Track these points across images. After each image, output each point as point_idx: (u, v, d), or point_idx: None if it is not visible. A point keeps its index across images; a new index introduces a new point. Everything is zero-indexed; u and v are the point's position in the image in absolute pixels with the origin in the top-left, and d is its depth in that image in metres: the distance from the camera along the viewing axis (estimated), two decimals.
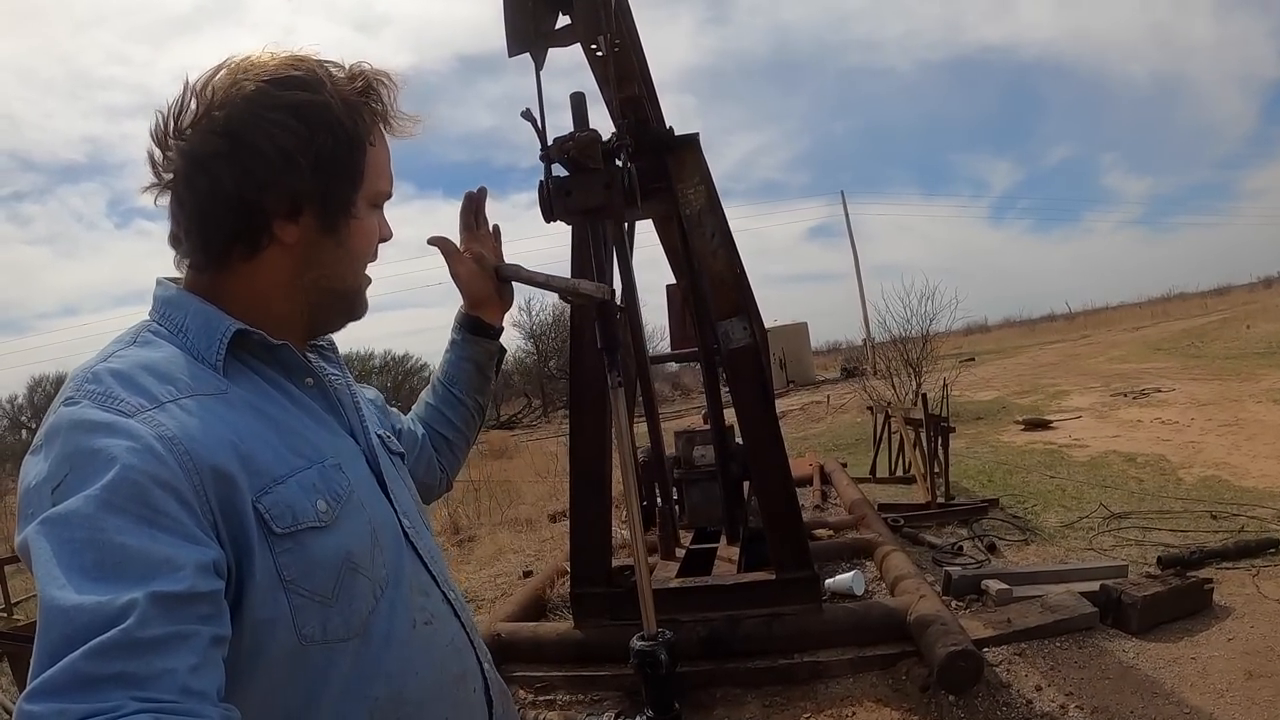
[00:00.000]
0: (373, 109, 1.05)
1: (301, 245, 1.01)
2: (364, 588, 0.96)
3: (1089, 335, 35.08)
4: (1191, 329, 26.89)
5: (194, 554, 0.78)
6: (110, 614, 0.70)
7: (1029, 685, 3.30)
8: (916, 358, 15.43)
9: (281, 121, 0.95)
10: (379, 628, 0.97)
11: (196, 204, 0.97)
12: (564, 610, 4.55)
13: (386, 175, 1.11)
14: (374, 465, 1.10)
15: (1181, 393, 12.10)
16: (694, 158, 3.93)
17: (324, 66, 1.02)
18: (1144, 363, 18.14)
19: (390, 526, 1.05)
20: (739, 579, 3.97)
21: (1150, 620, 3.74)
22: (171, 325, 0.98)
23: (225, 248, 0.99)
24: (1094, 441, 9.28)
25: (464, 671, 1.10)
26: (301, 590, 0.89)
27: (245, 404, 0.94)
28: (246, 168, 0.95)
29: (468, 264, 1.42)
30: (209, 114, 0.95)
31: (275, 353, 1.02)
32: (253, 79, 0.96)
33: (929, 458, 7.00)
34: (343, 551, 0.94)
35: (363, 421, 1.13)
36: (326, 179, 1.00)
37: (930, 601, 3.67)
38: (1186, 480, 6.94)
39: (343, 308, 1.11)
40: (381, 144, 1.09)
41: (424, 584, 1.08)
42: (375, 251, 1.13)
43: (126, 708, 0.67)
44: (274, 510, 0.88)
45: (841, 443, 12.39)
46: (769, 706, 3.40)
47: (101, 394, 0.85)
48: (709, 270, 3.92)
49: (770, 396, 3.99)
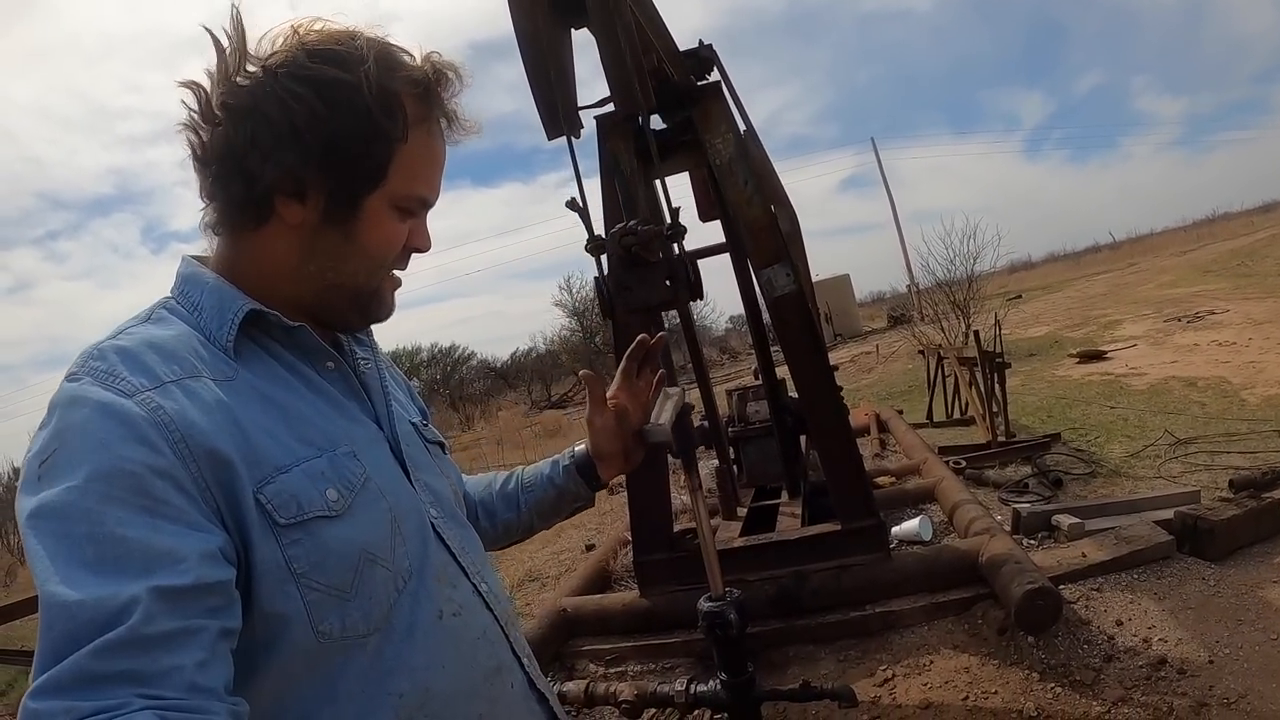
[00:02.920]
0: (421, 104, 0.98)
1: (304, 229, 0.97)
2: (384, 579, 0.93)
3: (1136, 263, 34.22)
4: (1240, 248, 26.09)
5: (198, 543, 0.77)
6: (113, 609, 0.70)
7: (1109, 620, 3.21)
8: (963, 299, 15.21)
9: (299, 94, 0.91)
10: (401, 620, 0.94)
11: (213, 156, 0.94)
12: (629, 580, 4.55)
13: (424, 179, 1.02)
14: (398, 452, 1.06)
15: (1236, 313, 11.73)
16: (718, 107, 3.84)
17: (381, 46, 0.96)
18: (1194, 286, 17.61)
19: (414, 515, 1.02)
20: (803, 533, 3.92)
21: (1229, 545, 3.62)
22: (188, 303, 0.96)
23: (232, 211, 0.96)
24: (1151, 369, 9.05)
25: (499, 665, 1.05)
26: (316, 584, 0.86)
27: (252, 390, 0.91)
28: (255, 132, 0.91)
29: (608, 419, 1.34)
30: (245, 69, 0.93)
31: (293, 335, 0.99)
32: (297, 44, 0.93)
33: (986, 396, 6.87)
34: (359, 541, 0.91)
35: (389, 407, 1.09)
36: (336, 166, 0.94)
37: (1001, 541, 3.59)
38: (1250, 401, 6.72)
39: (354, 307, 1.05)
40: (426, 145, 1.00)
41: (452, 575, 1.04)
42: (402, 258, 1.06)
43: (133, 705, 0.67)
44: (276, 500, 0.85)
45: (895, 390, 12.23)
46: (844, 661, 3.36)
47: (105, 371, 0.84)
48: (745, 218, 3.84)
49: (821, 342, 3.91)
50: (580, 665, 3.65)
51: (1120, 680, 2.82)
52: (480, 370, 37.77)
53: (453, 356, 36.70)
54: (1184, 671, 2.79)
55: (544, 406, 28.89)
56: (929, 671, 3.14)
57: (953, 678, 3.06)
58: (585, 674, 3.54)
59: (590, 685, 2.87)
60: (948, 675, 3.08)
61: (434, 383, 33.65)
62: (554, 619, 3.83)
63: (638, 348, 1.37)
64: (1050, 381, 9.75)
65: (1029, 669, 2.99)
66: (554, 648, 3.73)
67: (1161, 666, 2.84)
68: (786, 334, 3.86)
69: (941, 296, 15.87)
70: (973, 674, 3.05)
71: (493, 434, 20.10)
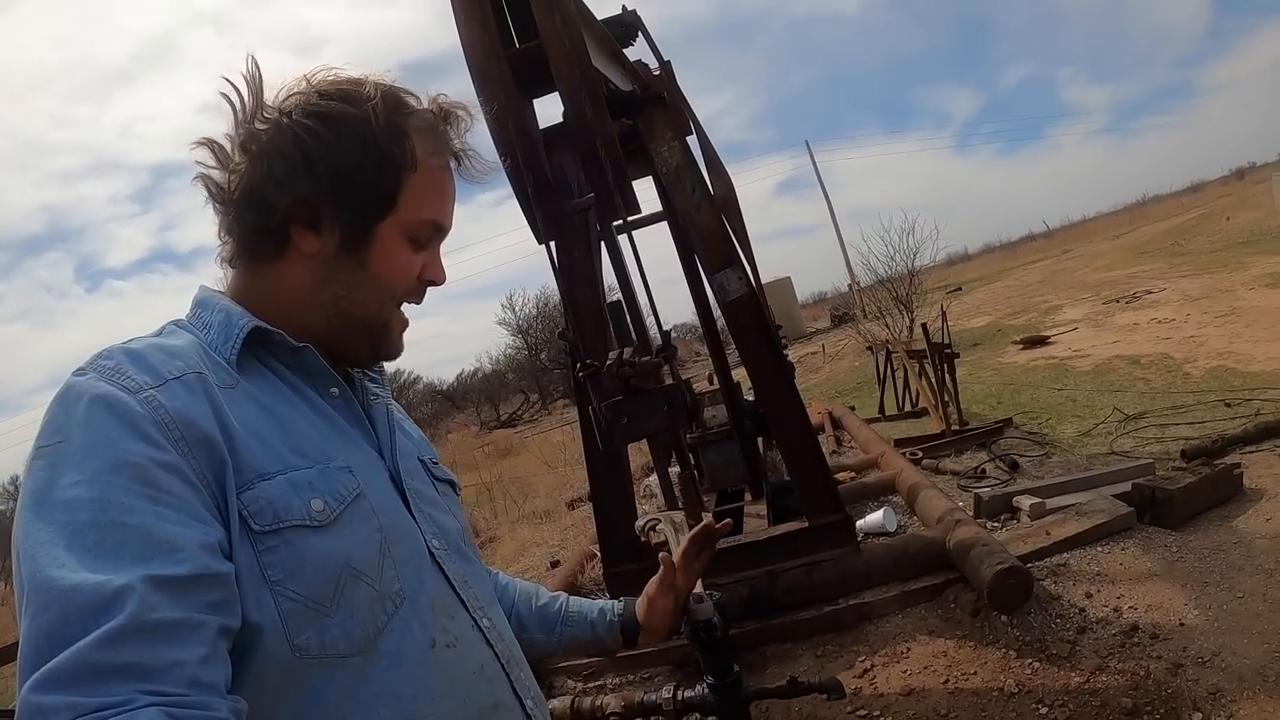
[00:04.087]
0: (428, 138, 1.02)
1: (321, 258, 0.99)
2: (369, 599, 0.89)
3: (1071, 250, 35.19)
4: (1172, 229, 27.01)
5: (199, 534, 0.77)
6: (107, 594, 0.69)
7: (1079, 594, 3.26)
8: (905, 294, 15.44)
9: (311, 127, 0.95)
10: (389, 646, 0.90)
11: (232, 195, 0.97)
12: (599, 593, 4.50)
13: (437, 210, 1.05)
14: (398, 482, 1.04)
15: (1173, 291, 12.12)
16: (662, 115, 3.86)
17: (389, 88, 1.00)
18: (1130, 268, 18.15)
19: (410, 540, 0.99)
20: (771, 532, 3.90)
21: (1187, 512, 3.71)
22: (199, 323, 0.98)
23: (249, 243, 0.99)
24: (1095, 350, 9.29)
25: (496, 703, 1.01)
26: (290, 593, 0.84)
27: (250, 400, 0.92)
28: (270, 166, 0.95)
29: (668, 602, 1.45)
30: (263, 115, 0.97)
31: (298, 356, 0.99)
32: (308, 88, 0.98)
33: (938, 387, 6.96)
34: (342, 555, 0.88)
35: (393, 439, 1.08)
36: (348, 194, 0.97)
37: (967, 526, 3.63)
38: (1194, 374, 6.93)
39: (366, 339, 1.06)
40: (435, 175, 1.03)
41: (450, 606, 1.01)
42: (417, 291, 1.08)
43: (136, 701, 0.66)
44: (253, 507, 0.84)
45: (845, 388, 12.39)
46: (821, 656, 3.36)
47: (111, 369, 0.85)
48: (695, 225, 3.84)
49: (777, 342, 3.92)
50: (558, 682, 3.59)
51: (1095, 650, 2.86)
52: (427, 394, 37.41)
53: (398, 381, 36.29)
54: (1156, 636, 2.84)
55: (493, 426, 28.64)
56: (907, 659, 3.15)
57: (931, 663, 3.08)
58: (565, 690, 3.49)
59: (575, 701, 2.81)
60: (926, 660, 3.10)
61: None
62: None
63: (706, 531, 1.49)
64: (996, 369, 9.94)
65: (1005, 647, 3.02)
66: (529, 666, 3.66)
67: (1134, 633, 2.88)
68: (743, 337, 3.86)
69: (884, 293, 16.09)
70: (950, 657, 3.07)
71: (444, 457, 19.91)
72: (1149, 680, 2.63)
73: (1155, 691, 2.58)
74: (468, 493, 11.30)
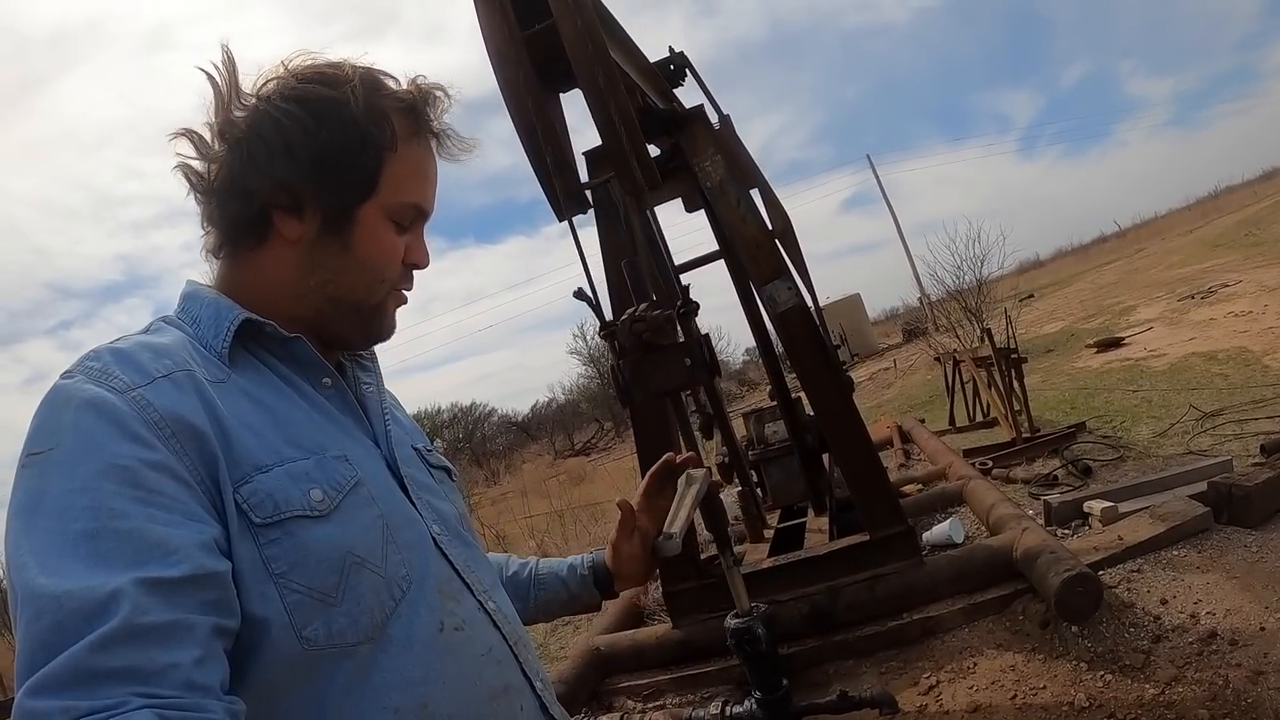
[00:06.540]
0: (409, 118, 1.02)
1: (305, 243, 1.00)
2: (375, 586, 0.90)
3: (1143, 248, 34.03)
4: (1245, 219, 25.94)
5: (194, 533, 0.77)
6: (100, 598, 0.69)
7: (1153, 600, 3.12)
8: (975, 304, 15.15)
9: (289, 111, 0.96)
10: (398, 631, 0.91)
11: (213, 184, 0.98)
12: (661, 614, 4.47)
13: (418, 191, 1.05)
14: (395, 470, 1.04)
15: (1249, 283, 11.60)
16: (704, 130, 3.87)
17: (367, 70, 1.00)
18: (1205, 262, 17.46)
19: (412, 526, 0.99)
20: (832, 547, 3.83)
21: (1267, 509, 3.52)
22: (188, 317, 0.99)
23: (232, 232, 1.00)
24: (1170, 349, 8.95)
25: (506, 685, 1.02)
26: (296, 585, 0.84)
27: (242, 393, 0.92)
28: (250, 152, 0.95)
29: (634, 545, 1.41)
30: (240, 101, 0.98)
31: (289, 347, 0.99)
32: (286, 73, 0.98)
33: (1006, 394, 6.79)
34: (344, 544, 0.89)
35: (387, 428, 1.08)
36: (329, 176, 0.97)
37: (1035, 534, 3.50)
38: (1273, 366, 6.62)
39: (356, 322, 1.06)
40: (416, 156, 1.04)
41: (455, 590, 1.01)
42: (402, 273, 1.08)
43: (130, 704, 0.66)
44: (252, 500, 0.84)
45: (916, 402, 12.14)
46: (886, 673, 3.27)
47: (98, 370, 0.85)
48: (742, 237, 3.82)
49: (831, 353, 3.86)
50: (618, 702, 3.57)
51: (1171, 659, 2.73)
52: (502, 425, 37.83)
53: (473, 414, 36.82)
54: (1235, 642, 2.70)
55: (568, 454, 28.82)
56: (974, 674, 3.05)
57: (999, 677, 2.97)
58: (625, 711, 3.46)
59: (624, 718, 2.80)
60: (993, 675, 2.99)
61: (456, 441, 33.71)
62: (588, 658, 3.75)
63: (662, 466, 1.43)
64: (1070, 374, 9.64)
65: (1076, 659, 2.90)
66: (590, 686, 3.65)
67: (1212, 640, 2.74)
68: (795, 348, 3.82)
69: (954, 305, 15.81)
70: (1019, 671, 2.96)
71: (518, 486, 20.06)
72: (1228, 690, 2.49)
73: (1234, 702, 2.44)
74: (538, 520, 11.39)
